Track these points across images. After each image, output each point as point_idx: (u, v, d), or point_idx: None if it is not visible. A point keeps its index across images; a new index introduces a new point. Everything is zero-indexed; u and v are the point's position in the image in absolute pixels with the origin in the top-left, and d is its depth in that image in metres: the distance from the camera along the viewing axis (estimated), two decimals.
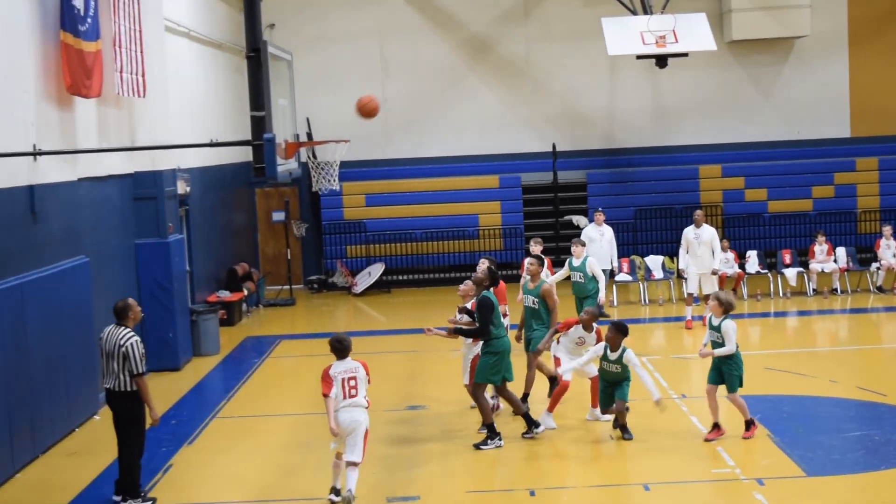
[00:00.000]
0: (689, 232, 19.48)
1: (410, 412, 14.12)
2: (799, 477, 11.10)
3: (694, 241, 19.27)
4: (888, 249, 22.30)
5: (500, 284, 13.35)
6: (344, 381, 10.59)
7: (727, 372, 12.22)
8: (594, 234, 20.44)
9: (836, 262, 22.39)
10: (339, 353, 10.70)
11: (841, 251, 22.65)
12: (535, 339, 13.50)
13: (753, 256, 23.08)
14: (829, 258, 22.37)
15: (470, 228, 25.71)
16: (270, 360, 18.34)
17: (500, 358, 12.41)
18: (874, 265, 22.44)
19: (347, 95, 25.42)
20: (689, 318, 19.18)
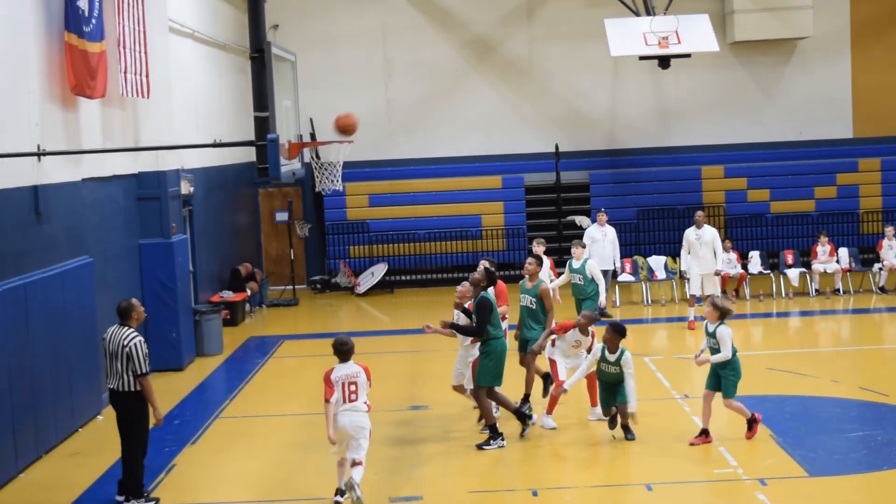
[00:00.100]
0: (690, 233, 19.48)
1: (413, 412, 14.14)
2: (801, 477, 11.11)
3: (695, 241, 19.28)
4: (890, 250, 22.29)
5: (499, 285, 13.37)
6: (344, 385, 10.60)
7: (724, 377, 12.13)
8: (597, 234, 20.47)
9: (838, 262, 22.39)
10: (341, 355, 10.72)
11: (843, 252, 22.65)
12: (531, 339, 13.45)
13: (756, 257, 23.08)
14: (831, 259, 22.37)
15: (473, 229, 25.73)
16: (273, 360, 18.36)
17: (499, 359, 12.45)
18: (876, 266, 22.45)
19: (351, 96, 26.09)
20: (691, 318, 19.19)
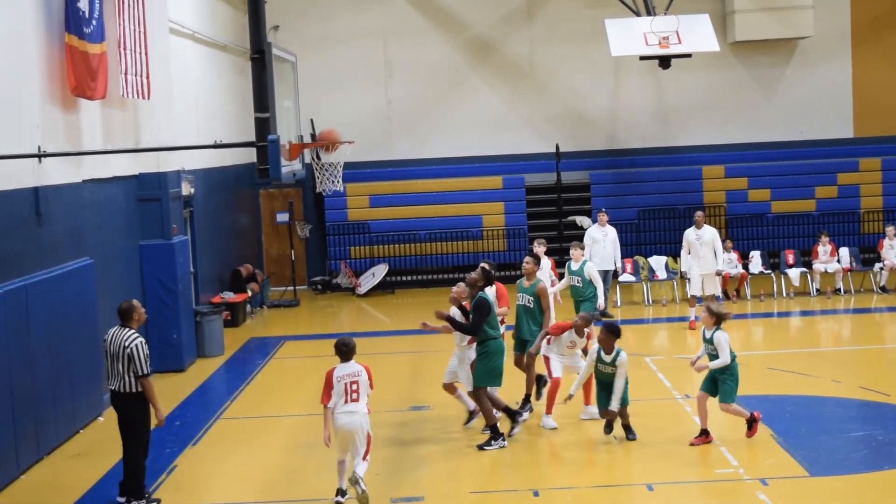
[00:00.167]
0: (690, 233, 19.45)
1: (414, 413, 14.13)
2: (802, 477, 11.11)
3: (696, 242, 19.25)
4: (891, 250, 22.28)
5: (499, 287, 13.40)
6: (346, 385, 10.64)
7: (722, 381, 12.03)
8: (598, 234, 20.47)
9: (839, 262, 22.39)
10: (343, 355, 10.76)
11: (844, 251, 22.65)
12: (529, 339, 13.52)
13: (757, 257, 23.07)
14: (832, 259, 22.37)
15: (473, 229, 25.73)
16: (274, 361, 18.36)
17: (496, 359, 12.49)
18: (877, 265, 22.44)
19: (351, 96, 26.11)
20: (692, 318, 19.18)
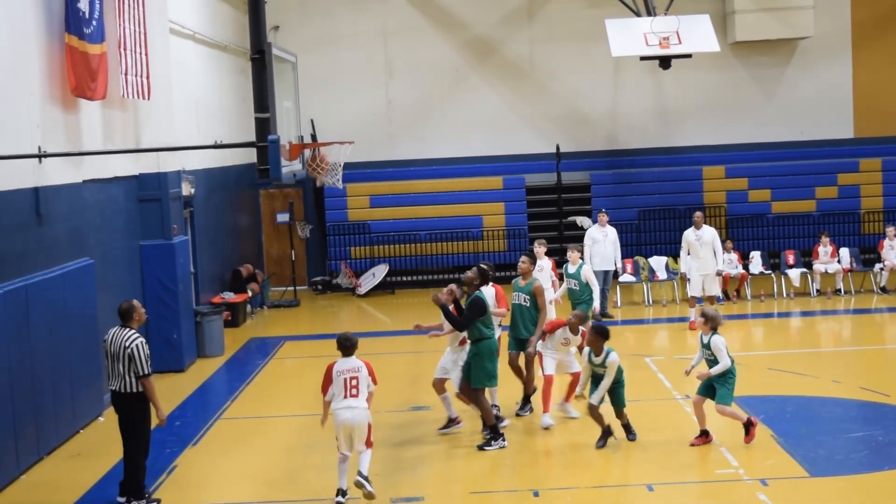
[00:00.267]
0: (689, 234, 19.38)
1: (414, 413, 14.14)
2: (802, 477, 11.11)
3: (695, 242, 19.20)
4: (892, 250, 22.28)
5: (498, 289, 13.41)
6: (346, 380, 10.72)
7: (720, 385, 11.97)
8: (598, 235, 20.47)
9: (839, 262, 22.39)
10: (345, 350, 10.85)
11: (844, 252, 22.64)
12: (526, 339, 13.60)
13: (757, 257, 23.07)
14: (832, 259, 22.37)
15: (474, 229, 25.73)
16: (275, 361, 18.37)
17: (490, 359, 12.52)
18: (878, 266, 22.43)
19: (352, 97, 26.11)
20: (692, 319, 19.16)
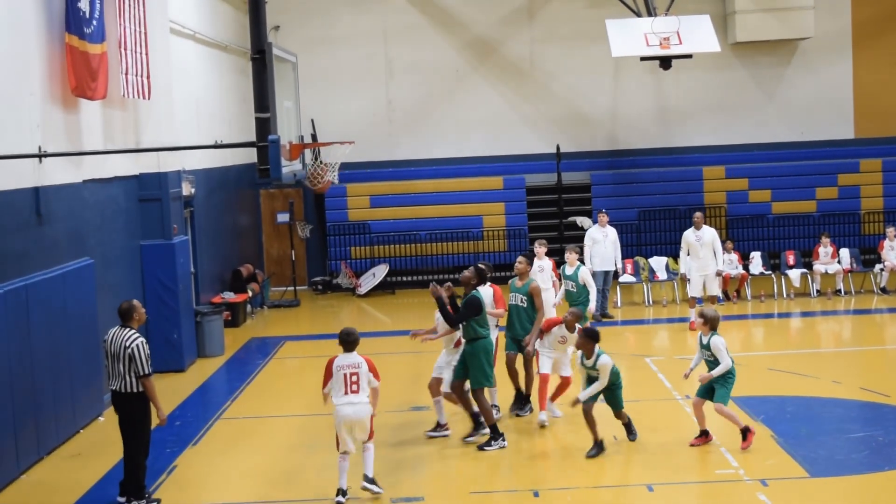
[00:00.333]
0: (689, 235, 19.35)
1: (414, 413, 14.14)
2: (802, 478, 11.11)
3: (696, 243, 19.18)
4: (892, 251, 22.27)
5: (496, 290, 13.43)
6: (346, 376, 10.78)
7: (719, 385, 11.94)
8: (598, 235, 20.46)
9: (839, 263, 22.39)
10: (346, 345, 10.92)
11: (844, 252, 22.63)
12: (522, 339, 13.65)
13: (757, 257, 23.06)
14: (833, 260, 22.36)
15: (474, 230, 25.72)
16: (275, 361, 18.37)
17: (487, 358, 12.55)
18: (878, 266, 22.43)
19: (352, 97, 26.11)
20: (692, 319, 19.15)
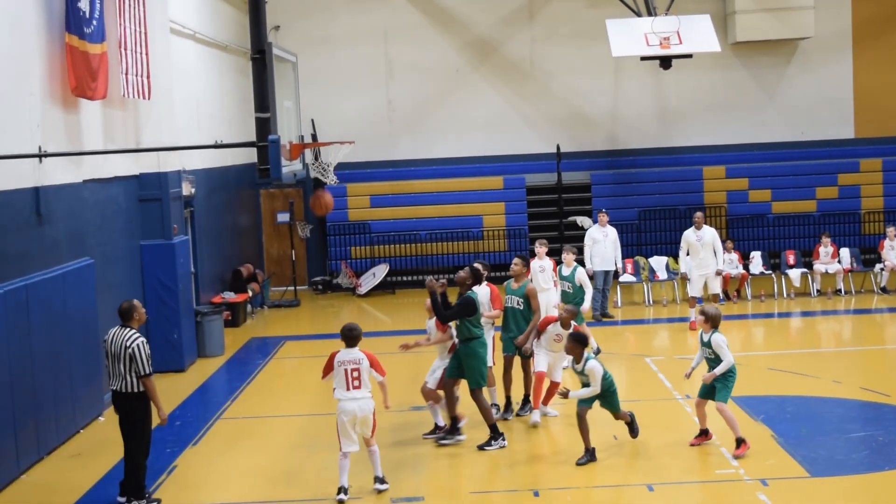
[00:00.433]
0: (690, 234, 19.32)
1: (414, 413, 14.12)
2: (803, 477, 11.11)
3: (696, 243, 19.16)
4: (892, 250, 22.27)
5: (493, 290, 13.43)
6: (347, 371, 10.90)
7: (721, 384, 11.88)
8: (598, 235, 20.46)
9: (840, 262, 22.39)
10: (348, 340, 11.03)
11: (845, 252, 22.63)
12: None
13: (757, 257, 23.07)
14: (833, 259, 22.36)
15: (474, 229, 25.73)
16: (275, 360, 18.37)
17: (483, 358, 12.56)
18: (878, 266, 22.44)
19: (352, 97, 26.09)
20: (692, 319, 19.14)
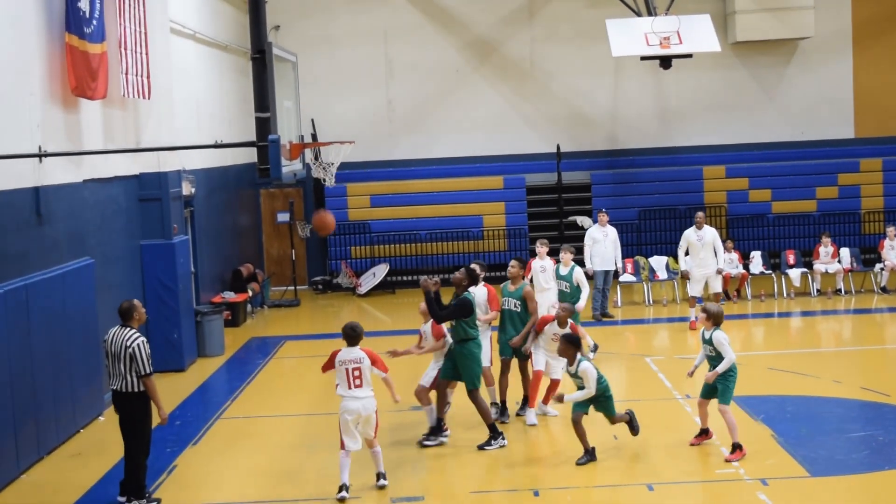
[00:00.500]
0: (691, 234, 19.31)
1: (414, 413, 14.11)
2: (803, 477, 11.11)
3: (697, 243, 19.16)
4: (892, 250, 22.28)
5: (490, 291, 13.43)
6: (348, 371, 10.95)
7: (722, 384, 11.85)
8: (598, 234, 20.45)
9: (840, 262, 22.39)
10: (349, 339, 11.07)
11: (845, 252, 22.63)
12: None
13: (757, 257, 23.07)
14: (833, 259, 22.35)
15: (474, 229, 25.73)
16: (275, 360, 18.37)
17: (476, 360, 12.57)
18: (878, 266, 22.44)
19: (352, 96, 26.09)
20: (692, 318, 19.15)
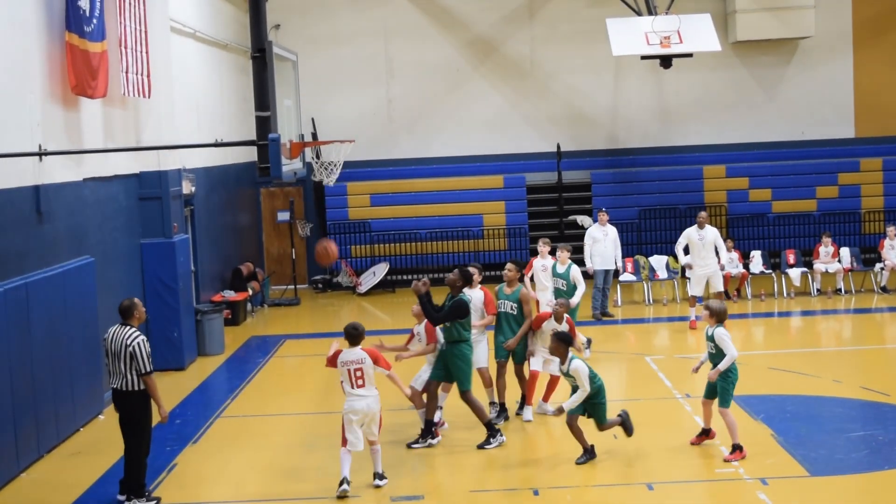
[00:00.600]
0: (692, 233, 19.31)
1: (414, 413, 14.08)
2: (803, 477, 11.11)
3: (698, 242, 19.14)
4: (892, 250, 22.27)
5: (486, 294, 13.43)
6: (350, 371, 10.99)
7: (722, 386, 11.81)
8: (598, 234, 20.44)
9: (840, 262, 22.39)
10: (351, 339, 11.08)
11: (845, 251, 22.64)
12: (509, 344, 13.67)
13: (757, 256, 23.07)
14: (833, 259, 22.35)
15: (474, 228, 25.73)
16: (275, 359, 18.37)
17: (468, 360, 12.55)
18: (878, 265, 22.44)
19: (352, 95, 26.10)
20: (692, 318, 19.15)
